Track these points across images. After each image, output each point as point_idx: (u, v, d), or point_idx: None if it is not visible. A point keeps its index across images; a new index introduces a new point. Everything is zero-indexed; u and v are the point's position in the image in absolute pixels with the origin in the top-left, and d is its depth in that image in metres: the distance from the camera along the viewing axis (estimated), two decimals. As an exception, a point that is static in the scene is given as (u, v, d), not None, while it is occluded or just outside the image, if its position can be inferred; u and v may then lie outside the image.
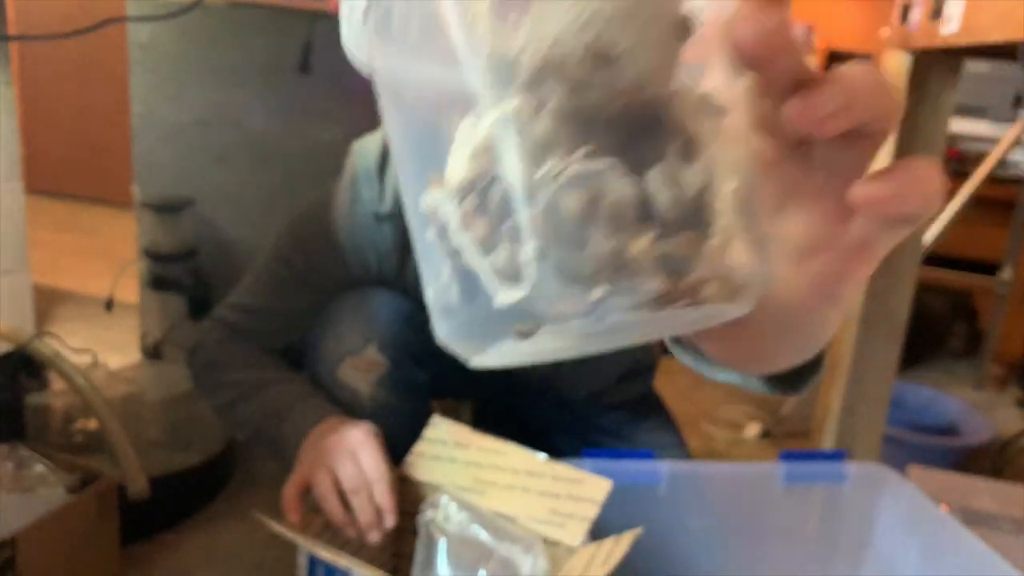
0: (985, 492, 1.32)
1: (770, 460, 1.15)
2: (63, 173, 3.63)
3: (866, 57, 2.56)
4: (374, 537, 0.82)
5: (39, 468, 1.11)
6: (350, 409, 0.99)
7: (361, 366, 0.99)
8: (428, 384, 1.07)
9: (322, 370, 1.01)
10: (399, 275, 1.02)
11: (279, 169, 1.45)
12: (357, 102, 1.42)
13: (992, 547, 0.97)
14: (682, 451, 1.26)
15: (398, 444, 0.94)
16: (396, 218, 0.97)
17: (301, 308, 1.04)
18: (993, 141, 2.18)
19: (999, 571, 0.94)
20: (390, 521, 0.81)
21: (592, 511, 0.78)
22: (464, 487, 0.81)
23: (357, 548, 0.82)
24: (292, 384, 0.98)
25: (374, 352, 0.99)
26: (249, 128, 1.44)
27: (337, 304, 1.02)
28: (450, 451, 0.85)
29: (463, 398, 1.23)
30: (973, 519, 1.25)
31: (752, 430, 1.94)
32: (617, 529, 1.07)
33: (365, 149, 0.99)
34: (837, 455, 1.16)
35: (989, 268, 2.22)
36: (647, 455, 1.09)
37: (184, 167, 1.50)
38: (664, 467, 1.08)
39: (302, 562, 0.78)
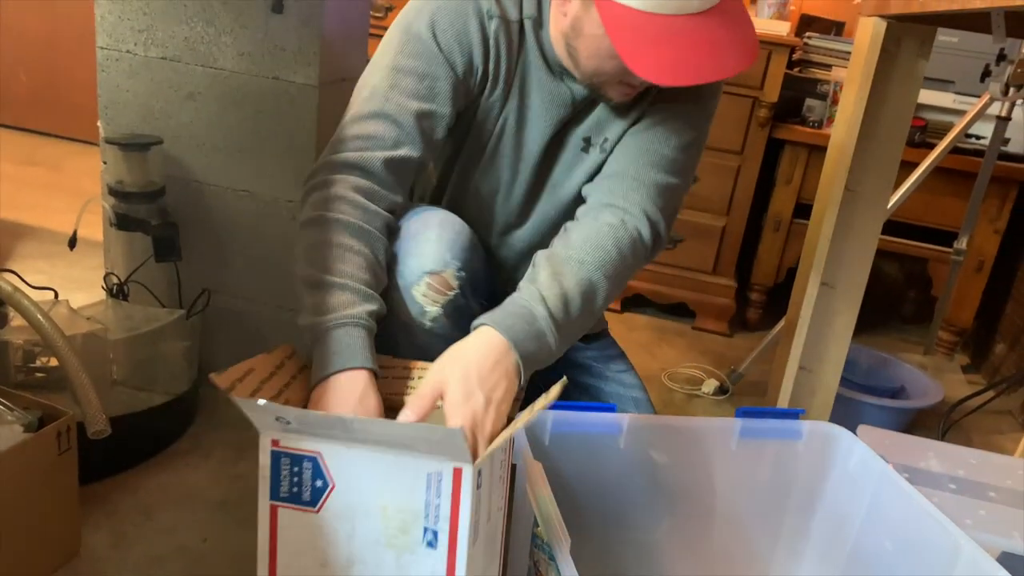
0: (931, 453, 1.37)
1: (726, 416, 1.18)
2: (29, 107, 3.51)
3: (839, 23, 2.57)
4: None
5: (-5, 406, 1.10)
6: (407, 328, 1.02)
7: (437, 287, 1.00)
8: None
9: (400, 283, 1.01)
10: (502, 77, 1.07)
11: (250, 110, 1.42)
12: (330, 43, 1.40)
13: (935, 506, 1.01)
14: (644, 393, 1.32)
15: None
16: (503, 20, 1.04)
17: (416, 108, 1.02)
18: (958, 113, 2.21)
19: (940, 527, 0.99)
20: None
21: (544, 401, 0.82)
22: None
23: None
24: (343, 295, 0.91)
25: (452, 275, 1.01)
26: (220, 67, 1.41)
27: (421, 222, 1.03)
28: None
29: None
30: (918, 478, 1.30)
31: (709, 386, 1.98)
32: (580, 476, 1.10)
33: None
34: (792, 413, 1.19)
35: (946, 237, 2.27)
36: (610, 408, 1.12)
37: (152, 104, 1.46)
38: (624, 420, 1.11)
39: (264, 460, 0.77)
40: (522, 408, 0.88)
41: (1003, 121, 2.04)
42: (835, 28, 2.57)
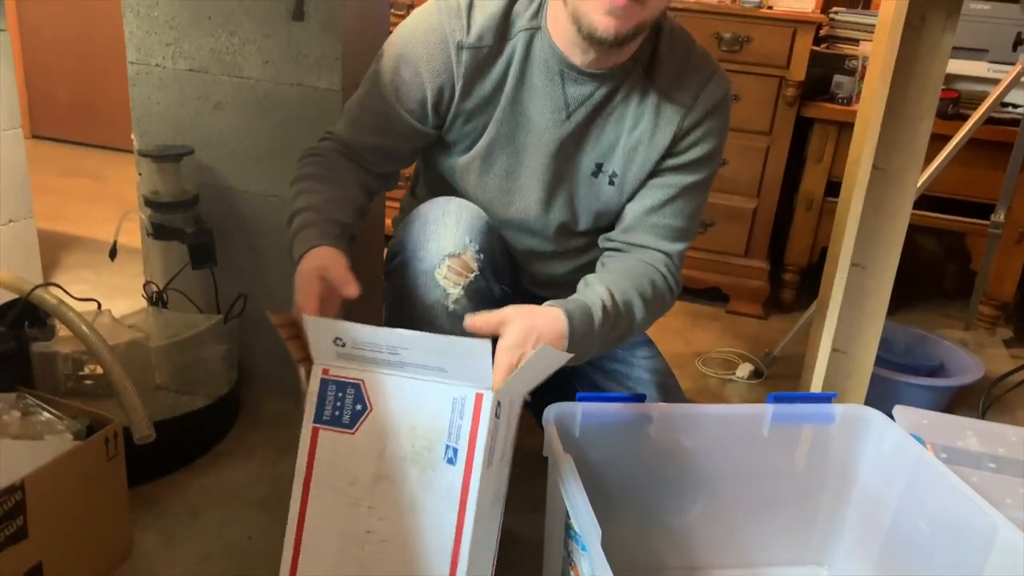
0: (970, 431, 1.36)
1: (760, 400, 1.18)
2: (68, 119, 3.60)
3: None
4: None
5: (45, 416, 1.14)
6: (431, 313, 1.06)
7: (457, 268, 1.05)
8: (498, 302, 1.12)
9: (422, 268, 1.06)
10: (461, 100, 1.10)
11: (277, 117, 1.44)
12: (351, 48, 1.42)
13: (973, 485, 1.01)
14: (673, 379, 1.32)
15: None
16: (475, 51, 1.07)
17: (390, 120, 1.13)
18: (992, 82, 2.17)
19: (976, 507, 0.98)
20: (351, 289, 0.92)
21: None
22: None
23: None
24: (309, 214, 1.04)
25: (471, 256, 1.06)
26: (245, 76, 1.44)
27: (438, 209, 1.09)
28: None
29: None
30: (957, 458, 1.29)
31: (744, 371, 1.98)
32: (612, 466, 1.11)
33: None
34: (824, 397, 1.19)
35: (983, 209, 2.23)
36: (639, 397, 1.12)
37: (182, 115, 1.50)
38: (654, 409, 1.12)
39: (313, 387, 0.88)
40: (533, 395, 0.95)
41: (1038, 89, 2.00)
42: (862, 1, 2.53)
